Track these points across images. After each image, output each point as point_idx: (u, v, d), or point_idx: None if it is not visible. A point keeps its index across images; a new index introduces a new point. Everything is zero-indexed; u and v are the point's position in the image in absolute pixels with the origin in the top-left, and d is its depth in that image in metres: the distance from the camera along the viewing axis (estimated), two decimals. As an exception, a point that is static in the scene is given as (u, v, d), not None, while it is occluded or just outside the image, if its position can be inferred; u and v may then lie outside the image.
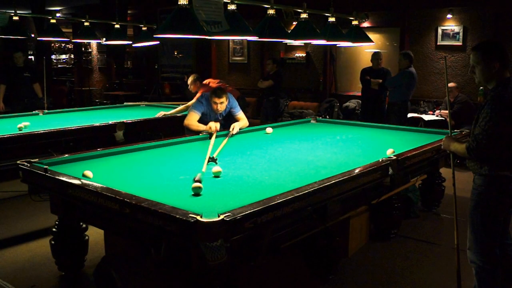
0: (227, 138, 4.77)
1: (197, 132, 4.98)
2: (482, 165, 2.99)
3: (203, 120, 5.14)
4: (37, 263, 4.03)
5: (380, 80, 7.48)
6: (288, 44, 9.89)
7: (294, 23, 5.40)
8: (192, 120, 5.04)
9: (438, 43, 8.51)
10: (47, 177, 3.31)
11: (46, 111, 6.60)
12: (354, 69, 9.34)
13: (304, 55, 10.06)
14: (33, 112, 6.54)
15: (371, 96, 7.66)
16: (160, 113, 6.28)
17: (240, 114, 5.31)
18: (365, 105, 7.95)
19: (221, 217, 2.37)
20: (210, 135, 4.77)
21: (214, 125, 4.87)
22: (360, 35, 5.64)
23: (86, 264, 3.84)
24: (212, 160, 3.83)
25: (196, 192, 2.94)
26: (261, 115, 8.96)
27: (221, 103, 5.00)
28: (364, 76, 7.70)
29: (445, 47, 8.44)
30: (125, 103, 8.08)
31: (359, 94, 8.29)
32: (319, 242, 3.57)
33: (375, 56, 7.68)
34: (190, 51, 11.40)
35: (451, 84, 7.64)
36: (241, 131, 5.29)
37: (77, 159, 3.88)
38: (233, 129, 4.99)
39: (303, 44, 9.73)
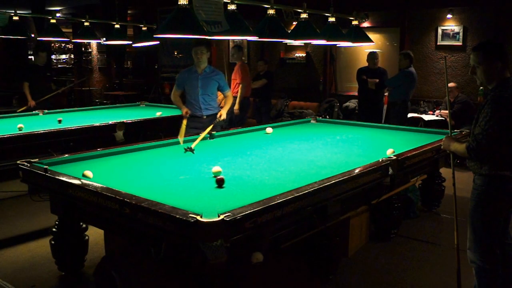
0: (213, 124, 5.01)
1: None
2: (482, 165, 2.99)
3: (190, 100, 5.40)
4: (37, 263, 4.02)
5: (377, 80, 7.46)
6: (288, 44, 9.88)
7: (294, 23, 5.40)
8: (173, 96, 5.50)
9: (438, 43, 8.51)
10: (47, 177, 3.31)
11: (46, 111, 6.58)
12: (354, 69, 9.28)
13: (304, 55, 10.05)
14: (33, 112, 6.54)
15: (368, 96, 7.64)
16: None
17: (228, 92, 5.50)
18: (363, 105, 7.93)
19: (221, 217, 2.37)
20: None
21: (185, 110, 5.25)
22: (360, 35, 5.63)
23: (86, 264, 3.84)
24: (189, 149, 4.07)
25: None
26: (255, 116, 8.92)
27: (201, 52, 5.31)
28: (361, 76, 7.69)
29: (445, 47, 8.44)
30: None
31: (359, 94, 8.28)
32: (319, 242, 3.57)
33: (371, 56, 7.67)
34: (190, 51, 11.37)
35: (451, 84, 7.64)
36: (241, 131, 5.30)
37: (77, 159, 3.88)
38: (220, 116, 5.19)
39: (303, 44, 9.72)
